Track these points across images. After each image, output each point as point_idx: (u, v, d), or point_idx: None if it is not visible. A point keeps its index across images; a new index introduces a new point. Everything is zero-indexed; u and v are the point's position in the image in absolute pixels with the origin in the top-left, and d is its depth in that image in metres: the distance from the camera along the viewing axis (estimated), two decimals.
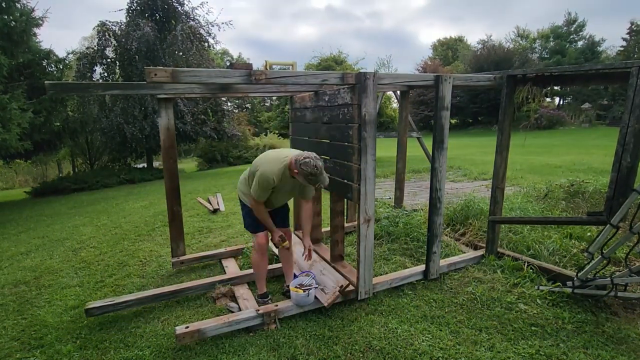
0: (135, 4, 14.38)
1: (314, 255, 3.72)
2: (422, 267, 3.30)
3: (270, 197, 2.79)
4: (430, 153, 3.56)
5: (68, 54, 12.07)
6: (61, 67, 11.23)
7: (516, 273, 3.22)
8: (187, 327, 2.45)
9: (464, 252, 3.78)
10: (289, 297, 2.91)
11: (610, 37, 53.77)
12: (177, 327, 2.47)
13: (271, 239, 2.97)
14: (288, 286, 2.94)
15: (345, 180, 2.88)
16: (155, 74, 2.11)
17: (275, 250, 3.83)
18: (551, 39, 37.88)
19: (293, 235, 3.58)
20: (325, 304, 2.76)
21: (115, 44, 13.86)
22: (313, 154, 2.57)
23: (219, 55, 31.87)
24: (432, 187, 3.14)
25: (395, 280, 3.13)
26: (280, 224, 3.00)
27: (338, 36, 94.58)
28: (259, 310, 2.65)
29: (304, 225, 3.05)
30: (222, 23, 16.05)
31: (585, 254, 2.61)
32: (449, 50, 45.36)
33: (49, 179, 15.18)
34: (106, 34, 13.78)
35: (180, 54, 13.98)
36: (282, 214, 3.08)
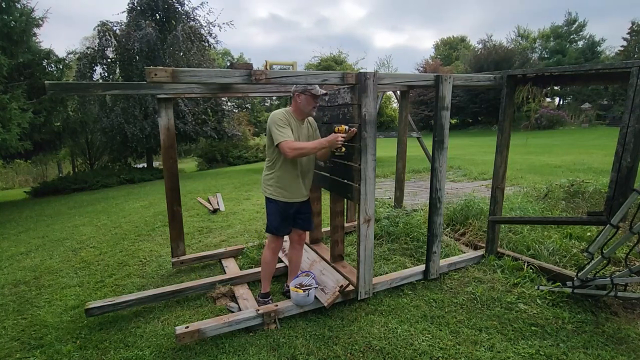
0: (135, 4, 14.39)
1: (313, 255, 3.73)
2: (422, 267, 3.30)
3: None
4: (430, 153, 3.56)
5: (68, 54, 12.09)
6: (61, 67, 11.22)
7: (516, 273, 3.22)
8: (187, 327, 2.45)
9: (464, 252, 3.78)
10: (289, 297, 2.91)
11: (610, 37, 54.00)
12: (177, 327, 2.47)
13: (335, 141, 2.58)
14: (288, 286, 2.94)
15: (346, 180, 2.88)
16: (156, 74, 2.11)
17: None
18: (551, 38, 37.89)
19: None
20: (325, 304, 2.76)
21: (116, 44, 13.86)
22: None
23: (220, 55, 31.85)
24: (432, 187, 3.14)
25: (395, 280, 3.13)
26: (302, 225, 3.01)
27: (294, 41, 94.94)
28: (259, 310, 2.65)
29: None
30: (223, 23, 16.05)
31: (585, 254, 2.61)
32: (452, 50, 45.33)
33: (49, 179, 15.19)
34: (107, 34, 13.79)
35: (181, 54, 13.98)
36: (305, 215, 3.02)
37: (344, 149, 2.72)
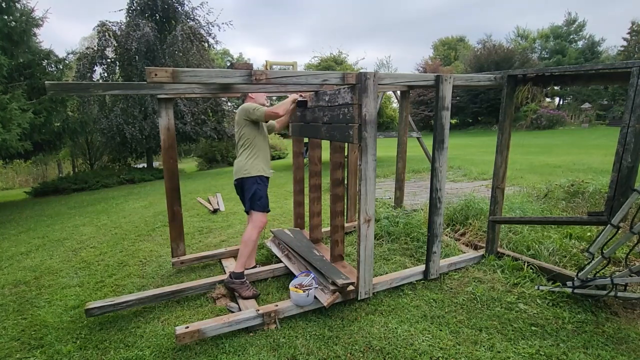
0: (135, 4, 14.39)
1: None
2: (422, 267, 3.30)
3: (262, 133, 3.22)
4: (430, 153, 3.56)
5: (68, 54, 12.06)
6: (61, 67, 11.20)
7: (516, 273, 3.22)
8: (187, 327, 2.45)
9: (464, 252, 3.78)
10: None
11: (611, 37, 53.66)
12: (177, 327, 2.47)
13: (295, 97, 3.30)
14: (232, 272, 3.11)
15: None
16: (156, 74, 2.11)
17: (275, 250, 3.83)
18: (551, 39, 37.91)
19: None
20: (325, 304, 2.76)
21: (115, 44, 13.86)
22: None
23: (220, 55, 31.85)
24: (432, 187, 3.15)
25: (395, 280, 3.13)
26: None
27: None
28: (259, 310, 2.65)
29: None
30: (223, 23, 16.03)
31: (586, 254, 2.61)
32: (450, 50, 45.37)
33: (49, 179, 15.16)
34: (106, 34, 13.78)
35: (180, 54, 13.97)
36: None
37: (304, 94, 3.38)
